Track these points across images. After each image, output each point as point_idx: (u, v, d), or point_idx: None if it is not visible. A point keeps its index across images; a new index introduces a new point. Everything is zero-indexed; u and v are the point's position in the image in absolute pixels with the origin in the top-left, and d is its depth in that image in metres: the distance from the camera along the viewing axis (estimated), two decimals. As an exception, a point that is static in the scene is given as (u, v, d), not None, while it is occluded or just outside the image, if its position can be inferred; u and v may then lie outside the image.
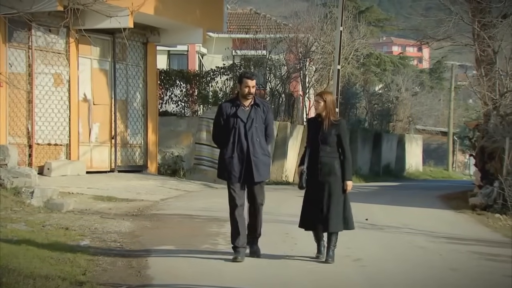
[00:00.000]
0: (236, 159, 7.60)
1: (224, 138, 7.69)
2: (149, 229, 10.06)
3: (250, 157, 7.59)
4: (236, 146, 7.61)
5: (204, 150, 19.95)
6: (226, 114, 7.70)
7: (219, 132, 7.79)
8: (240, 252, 7.59)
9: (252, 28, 27.24)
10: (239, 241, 7.62)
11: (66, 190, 13.14)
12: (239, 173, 7.60)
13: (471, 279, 7.55)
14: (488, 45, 18.60)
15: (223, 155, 7.70)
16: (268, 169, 7.84)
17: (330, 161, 7.69)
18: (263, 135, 7.74)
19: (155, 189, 15.41)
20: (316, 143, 7.72)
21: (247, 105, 7.72)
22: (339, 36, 20.14)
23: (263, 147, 7.72)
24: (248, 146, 7.59)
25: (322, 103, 7.76)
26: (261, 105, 7.77)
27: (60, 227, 9.57)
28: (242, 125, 7.63)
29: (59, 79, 15.58)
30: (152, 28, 18.04)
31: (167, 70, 22.98)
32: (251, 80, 7.72)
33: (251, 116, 7.66)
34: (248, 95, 7.69)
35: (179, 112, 21.63)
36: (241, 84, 7.77)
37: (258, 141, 7.65)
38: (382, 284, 6.96)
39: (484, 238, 11.25)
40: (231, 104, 7.77)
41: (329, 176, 7.66)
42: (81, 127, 16.22)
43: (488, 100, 18.35)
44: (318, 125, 7.78)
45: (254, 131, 7.63)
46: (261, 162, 7.65)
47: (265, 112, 7.76)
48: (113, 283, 6.49)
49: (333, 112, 7.82)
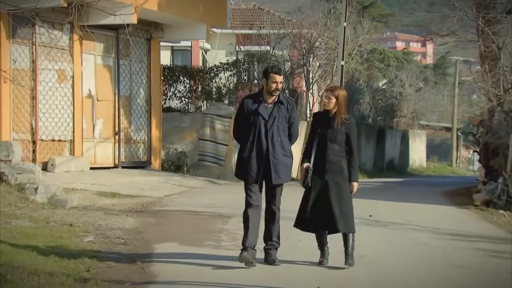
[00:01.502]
0: (254, 159, 7.18)
1: (244, 136, 7.29)
2: (153, 225, 10.06)
3: (269, 157, 7.17)
4: (255, 145, 7.19)
5: (207, 146, 19.94)
6: (247, 110, 7.26)
7: (239, 129, 7.40)
8: (249, 252, 7.16)
9: (255, 23, 27.18)
10: (249, 240, 7.19)
11: (70, 186, 13.14)
12: (256, 173, 7.18)
13: (475, 276, 7.54)
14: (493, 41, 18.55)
15: (241, 153, 7.30)
16: (289, 171, 7.36)
17: (338, 160, 7.37)
18: (286, 135, 7.30)
19: (158, 185, 15.42)
20: (324, 141, 7.35)
21: (270, 102, 7.27)
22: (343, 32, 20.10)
23: (285, 147, 7.27)
24: (268, 146, 7.17)
25: (333, 100, 7.37)
26: (285, 103, 7.30)
27: (64, 223, 9.58)
28: (263, 123, 7.19)
29: (63, 75, 15.58)
30: (156, 24, 18.03)
31: (171, 66, 22.96)
32: (279, 75, 7.24)
33: (273, 114, 7.22)
34: (275, 92, 7.23)
35: (183, 108, 21.61)
36: (267, 79, 7.25)
37: (279, 141, 7.21)
38: (386, 282, 6.95)
39: (489, 234, 11.23)
40: (253, 100, 7.32)
41: (337, 175, 7.35)
42: (85, 123, 16.22)
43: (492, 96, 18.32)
44: (327, 122, 7.40)
45: (275, 130, 7.20)
46: (281, 163, 7.21)
47: (289, 110, 7.31)
48: (117, 280, 6.49)
49: (344, 109, 7.47)
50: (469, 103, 47.15)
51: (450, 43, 25.30)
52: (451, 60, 46.37)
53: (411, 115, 40.42)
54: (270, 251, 7.27)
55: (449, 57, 46.39)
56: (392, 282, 6.99)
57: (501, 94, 18.17)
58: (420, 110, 42.35)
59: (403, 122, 39.16)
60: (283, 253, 7.58)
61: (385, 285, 6.82)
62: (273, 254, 7.26)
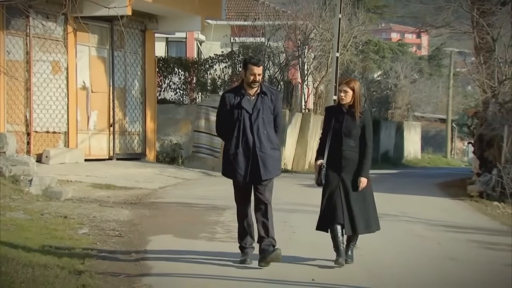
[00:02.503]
0: (241, 155, 6.85)
1: (228, 132, 6.95)
2: (147, 217, 10.06)
3: (256, 152, 6.84)
4: (241, 140, 6.86)
5: (202, 138, 19.93)
6: (229, 105, 6.93)
7: (222, 125, 7.04)
8: (248, 254, 6.94)
9: (250, 15, 27.12)
10: (247, 241, 6.97)
11: (65, 178, 13.13)
12: (244, 170, 6.85)
13: (470, 268, 7.55)
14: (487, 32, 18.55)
15: (227, 151, 6.97)
16: (277, 164, 7.08)
17: (355, 157, 7.03)
18: (272, 127, 7.00)
19: (153, 177, 15.41)
20: (339, 136, 7.00)
21: (252, 94, 6.95)
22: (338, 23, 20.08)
23: (272, 140, 6.97)
24: (254, 140, 6.85)
25: (350, 92, 7.03)
26: (268, 93, 6.99)
27: (58, 215, 9.56)
28: (247, 117, 6.87)
29: (57, 67, 15.53)
30: (151, 15, 17.97)
31: (165, 58, 22.92)
32: (257, 66, 6.90)
33: (257, 106, 6.91)
34: (254, 84, 6.90)
35: (178, 99, 21.58)
36: (246, 71, 6.94)
37: (265, 134, 6.90)
38: (380, 274, 6.96)
39: (483, 226, 11.26)
40: (235, 94, 7.00)
41: (353, 173, 7.00)
42: (79, 114, 16.18)
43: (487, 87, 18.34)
44: (341, 116, 7.05)
45: (260, 123, 6.88)
46: (269, 157, 6.90)
47: (273, 101, 7.00)
48: (111, 272, 6.49)
49: (360, 101, 7.15)
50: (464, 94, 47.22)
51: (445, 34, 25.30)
52: (446, 51, 46.40)
53: (406, 106, 40.46)
54: (268, 248, 6.88)
55: (444, 49, 46.41)
56: (387, 274, 7.00)
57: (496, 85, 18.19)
58: (415, 102, 42.39)
59: (398, 114, 39.19)
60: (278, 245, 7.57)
61: (379, 277, 6.83)
62: (269, 252, 6.86)
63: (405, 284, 6.55)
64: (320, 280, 6.49)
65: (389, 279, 6.76)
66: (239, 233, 7.05)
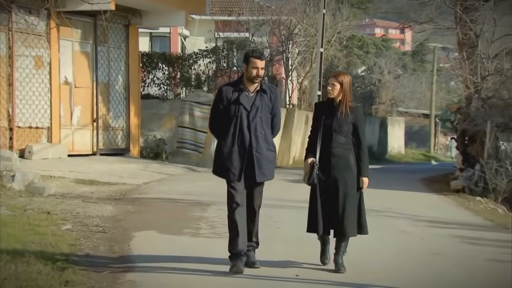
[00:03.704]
0: (236, 154, 6.45)
1: (223, 128, 6.54)
2: (131, 213, 10.03)
3: (252, 152, 6.45)
4: (236, 138, 6.46)
5: (186, 133, 19.89)
6: (226, 100, 6.51)
7: (217, 121, 6.63)
8: (240, 260, 6.45)
9: (234, 10, 27.08)
10: (238, 246, 6.46)
11: (48, 174, 13.05)
12: (239, 170, 6.46)
13: (453, 263, 7.60)
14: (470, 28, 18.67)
15: (220, 149, 6.54)
16: (272, 167, 6.66)
17: (345, 154, 6.66)
18: (269, 127, 6.59)
19: (137, 172, 15.37)
20: (329, 133, 6.64)
21: (252, 91, 6.54)
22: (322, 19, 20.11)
23: (268, 140, 6.57)
24: (251, 140, 6.45)
25: (338, 86, 6.65)
26: (268, 91, 6.59)
27: (41, 211, 9.51)
28: (245, 114, 6.47)
29: (40, 62, 15.43)
30: (134, 10, 17.88)
31: (149, 53, 22.82)
32: (260, 60, 6.51)
33: (255, 104, 6.50)
34: (256, 78, 6.52)
35: (162, 95, 21.52)
36: (247, 64, 6.52)
37: (262, 134, 6.50)
38: (363, 270, 6.98)
39: (466, 221, 11.34)
40: (233, 88, 6.56)
41: (344, 171, 6.64)
42: (63, 110, 16.09)
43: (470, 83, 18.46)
44: (331, 112, 6.68)
45: (258, 122, 6.48)
46: (265, 158, 6.51)
47: (272, 100, 6.61)
48: (95, 268, 6.46)
49: (350, 96, 6.74)
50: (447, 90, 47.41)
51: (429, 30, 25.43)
52: (429, 47, 46.57)
53: (390, 102, 40.62)
54: (248, 253, 6.58)
55: (428, 44, 46.58)
56: (370, 269, 7.03)
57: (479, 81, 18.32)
58: (399, 97, 42.55)
59: (382, 109, 39.34)
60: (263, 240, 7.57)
61: (363, 272, 6.85)
62: (252, 256, 6.62)
63: (388, 279, 6.57)
64: (304, 276, 6.50)
65: (373, 274, 6.78)
66: (231, 238, 6.52)
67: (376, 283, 6.36)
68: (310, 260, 7.04)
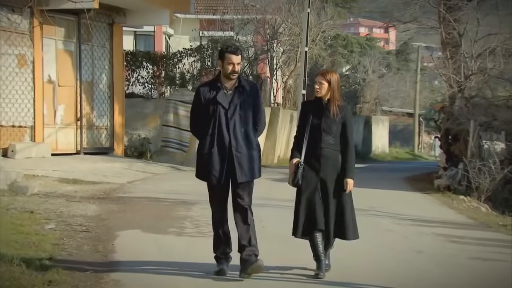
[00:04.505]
0: (215, 155, 6.22)
1: (202, 129, 6.33)
2: (115, 212, 9.99)
3: (232, 152, 6.21)
4: (215, 138, 6.23)
5: (171, 132, 19.87)
6: (204, 99, 6.31)
7: (197, 122, 6.41)
8: (224, 263, 6.34)
9: (219, 9, 27.07)
10: (222, 249, 6.35)
11: (31, 173, 12.98)
12: (219, 172, 6.22)
13: (435, 261, 7.64)
14: (454, 27, 18.76)
15: (200, 151, 6.34)
16: (256, 166, 6.34)
17: (334, 155, 6.44)
18: (250, 124, 6.33)
19: (121, 171, 15.32)
20: (317, 133, 6.42)
21: (229, 88, 6.31)
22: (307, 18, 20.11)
23: (250, 139, 6.30)
24: (230, 139, 6.22)
25: (326, 85, 6.47)
26: (247, 87, 6.34)
27: (24, 210, 9.45)
28: (223, 113, 6.23)
29: (23, 60, 15.34)
30: (118, 9, 17.82)
31: (134, 52, 22.77)
32: (235, 55, 6.26)
33: (234, 102, 6.26)
34: (232, 74, 6.26)
35: (146, 94, 21.47)
36: (223, 60, 6.29)
37: (242, 132, 6.26)
38: (347, 268, 6.99)
39: (449, 220, 11.40)
40: (210, 87, 6.36)
41: (333, 172, 6.43)
42: (46, 108, 16.01)
43: (454, 82, 18.56)
44: (319, 111, 6.48)
45: (237, 120, 6.24)
46: (245, 157, 6.24)
47: (252, 96, 6.35)
48: (78, 268, 6.43)
49: (339, 95, 6.58)
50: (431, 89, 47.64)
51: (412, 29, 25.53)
52: (413, 46, 46.78)
53: (374, 101, 40.76)
54: (250, 258, 6.25)
55: (412, 43, 46.80)
56: (353, 267, 7.05)
57: (462, 80, 18.42)
58: (383, 96, 42.71)
59: (366, 108, 39.46)
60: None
61: (346, 270, 6.86)
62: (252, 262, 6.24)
63: (371, 277, 6.59)
64: (289, 274, 6.51)
65: (356, 272, 6.80)
66: (215, 242, 6.40)
67: (360, 281, 6.38)
68: (295, 259, 7.05)
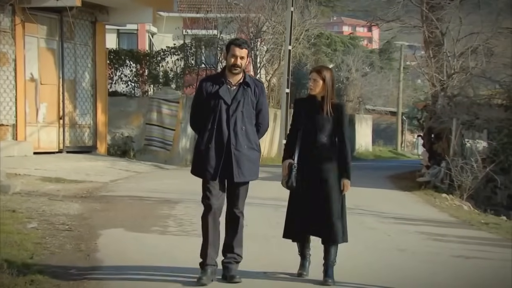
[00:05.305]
0: (212, 151, 5.94)
1: (202, 124, 6.05)
2: (98, 211, 9.95)
3: (230, 149, 5.94)
4: (214, 134, 5.96)
5: (154, 131, 19.82)
6: (206, 93, 6.03)
7: (197, 116, 6.12)
8: (207, 272, 5.95)
9: (203, 7, 27.04)
10: (208, 256, 5.98)
11: (13, 172, 12.89)
12: (215, 168, 5.93)
13: (419, 259, 7.67)
14: (436, 26, 18.86)
15: (198, 146, 6.06)
16: (255, 167, 6.08)
17: (329, 155, 6.20)
18: (252, 123, 6.06)
19: (104, 170, 15.25)
20: (311, 132, 6.19)
21: (234, 84, 6.04)
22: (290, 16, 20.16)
23: (251, 138, 6.03)
24: (230, 136, 5.94)
25: (320, 82, 6.17)
26: (252, 85, 6.06)
27: (6, 209, 9.37)
28: (225, 108, 5.96)
29: (4, 58, 15.23)
30: (101, 7, 17.73)
31: (117, 50, 22.70)
32: (239, 48, 5.97)
33: (237, 98, 5.98)
34: (235, 68, 5.97)
35: (129, 92, 21.42)
36: (227, 52, 6.05)
37: (243, 130, 5.99)
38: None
39: (432, 218, 11.46)
40: (214, 81, 6.08)
41: (328, 173, 6.18)
42: (28, 107, 15.91)
43: (436, 81, 18.65)
44: (313, 109, 6.22)
45: (239, 117, 5.97)
46: (245, 157, 5.97)
47: (256, 94, 6.06)
48: (61, 267, 6.40)
49: (333, 93, 6.26)
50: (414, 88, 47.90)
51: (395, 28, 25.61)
52: (396, 45, 46.98)
53: (357, 99, 40.88)
54: (230, 266, 6.08)
55: (395, 42, 46.99)
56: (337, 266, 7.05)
57: (445, 79, 18.52)
58: (366, 95, 42.86)
59: (350, 107, 39.50)
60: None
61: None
62: (233, 270, 6.06)
63: (354, 275, 6.61)
64: (273, 273, 6.51)
65: (339, 271, 6.80)
66: (203, 248, 6.04)
67: (342, 279, 6.39)
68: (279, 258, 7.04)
